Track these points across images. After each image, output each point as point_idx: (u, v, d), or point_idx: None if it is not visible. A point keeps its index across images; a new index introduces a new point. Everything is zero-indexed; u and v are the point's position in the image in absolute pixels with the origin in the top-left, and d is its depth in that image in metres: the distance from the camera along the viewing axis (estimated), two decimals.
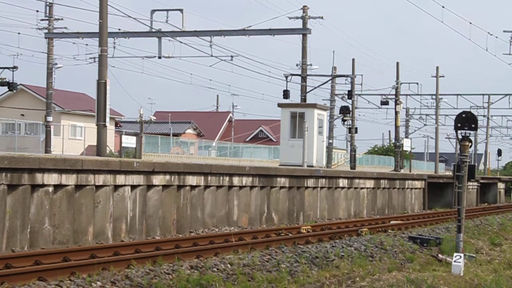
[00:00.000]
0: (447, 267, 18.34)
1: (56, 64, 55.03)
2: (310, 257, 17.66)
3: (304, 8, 48.09)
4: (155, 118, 78.24)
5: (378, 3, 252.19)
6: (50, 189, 18.80)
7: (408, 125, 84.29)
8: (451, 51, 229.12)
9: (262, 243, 20.04)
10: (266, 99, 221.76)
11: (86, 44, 49.79)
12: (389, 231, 25.82)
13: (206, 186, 24.71)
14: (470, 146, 19.52)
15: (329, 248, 19.39)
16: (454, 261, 17.97)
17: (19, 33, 79.83)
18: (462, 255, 18.18)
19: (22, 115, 69.33)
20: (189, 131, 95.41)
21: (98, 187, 20.37)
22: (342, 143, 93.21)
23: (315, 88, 51.70)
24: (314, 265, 16.85)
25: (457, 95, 74.94)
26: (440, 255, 20.40)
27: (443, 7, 45.43)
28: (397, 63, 63.72)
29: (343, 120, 55.34)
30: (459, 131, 19.24)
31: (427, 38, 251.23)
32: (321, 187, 31.83)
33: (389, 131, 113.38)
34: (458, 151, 19.69)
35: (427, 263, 19.46)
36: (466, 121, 19.24)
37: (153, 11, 43.51)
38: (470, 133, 19.34)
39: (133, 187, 21.63)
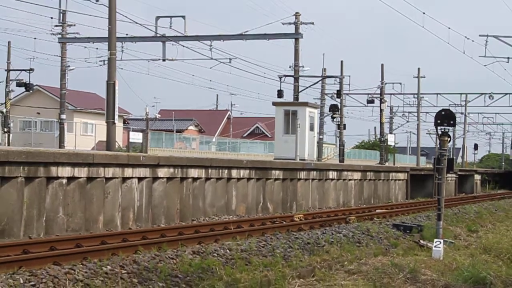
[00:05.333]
0: (428, 252, 18.34)
1: (69, 66, 54.95)
2: (303, 243, 17.67)
3: (297, 15, 48.10)
4: (159, 115, 78.23)
5: (365, 10, 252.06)
6: (64, 181, 18.80)
7: (392, 121, 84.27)
8: (431, 54, 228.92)
9: (258, 231, 20.06)
10: (261, 98, 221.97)
11: (97, 48, 49.77)
12: (375, 219, 25.83)
13: (207, 178, 24.73)
14: (449, 141, 19.51)
15: (320, 234, 19.40)
16: (434, 247, 17.97)
17: (35, 38, 79.62)
18: (441, 241, 18.19)
19: (38, 113, 69.32)
20: (191, 127, 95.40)
21: (108, 179, 20.38)
22: (332, 138, 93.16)
23: (307, 88, 51.82)
24: (306, 251, 16.86)
25: (437, 94, 75.03)
26: (421, 241, 20.41)
27: (424, 13, 45.60)
28: (382, 65, 63.87)
29: (333, 117, 55.46)
30: (439, 127, 19.23)
31: (410, 42, 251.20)
32: (312, 179, 31.85)
33: (375, 127, 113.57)
34: (438, 146, 19.68)
35: (410, 248, 19.47)
36: (445, 118, 19.24)
37: (157, 18, 43.49)
38: (449, 129, 19.34)
39: (140, 179, 21.64)
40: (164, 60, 45.49)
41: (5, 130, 51.97)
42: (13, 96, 62.13)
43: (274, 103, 41.48)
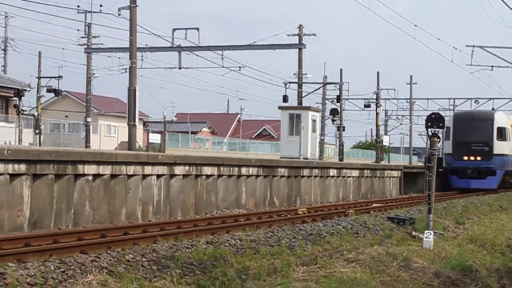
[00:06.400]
0: (419, 242, 18.35)
1: (94, 74, 55.16)
2: (306, 234, 17.68)
3: (300, 27, 48.19)
4: (176, 118, 78.44)
5: (363, 23, 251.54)
6: (90, 178, 18.86)
7: (387, 124, 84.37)
8: (422, 62, 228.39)
9: (265, 223, 20.07)
10: (268, 102, 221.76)
11: (119, 57, 50.03)
12: (371, 212, 25.79)
13: (219, 175, 24.75)
14: (438, 142, 19.53)
15: (321, 226, 19.40)
16: (425, 237, 17.98)
17: (63, 49, 79.67)
18: (431, 232, 18.20)
19: (66, 116, 69.54)
20: (205, 129, 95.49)
21: (130, 176, 20.43)
22: (332, 139, 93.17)
23: (310, 93, 51.94)
24: (309, 241, 16.87)
25: (428, 99, 75.11)
26: (413, 232, 20.40)
27: (415, 26, 45.77)
28: (378, 73, 64.05)
29: (333, 120, 55.57)
30: (429, 129, 19.25)
31: (403, 52, 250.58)
32: (315, 176, 31.85)
33: (371, 129, 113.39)
34: (429, 146, 19.69)
35: (403, 239, 19.46)
36: (435, 120, 19.25)
37: (174, 30, 43.66)
38: (438, 131, 19.35)
39: (158, 176, 21.68)
40: (180, 68, 45.65)
41: (37, 131, 52.12)
42: (44, 101, 62.30)
43: (280, 107, 41.54)
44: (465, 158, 43.46)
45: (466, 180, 43.51)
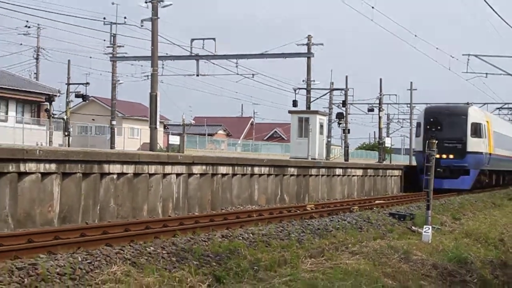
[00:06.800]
0: (419, 236, 18.31)
1: (118, 80, 55.26)
2: (314, 228, 17.68)
3: (309, 37, 48.18)
4: (194, 122, 78.44)
5: (367, 32, 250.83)
6: (115, 176, 18.93)
7: (388, 127, 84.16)
8: (422, 70, 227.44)
9: (276, 218, 20.08)
10: (279, 107, 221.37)
11: (141, 65, 50.21)
12: (374, 208, 25.77)
13: (234, 174, 24.78)
14: (436, 143, 19.48)
15: (328, 221, 19.41)
16: (424, 232, 17.95)
17: (90, 57, 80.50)
18: (430, 227, 18.16)
19: (93, 120, 69.74)
20: (220, 132, 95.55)
21: (151, 175, 20.49)
22: (338, 141, 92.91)
23: (317, 98, 52.05)
24: (316, 235, 16.87)
25: (427, 103, 74.68)
26: (413, 227, 20.37)
27: (415, 35, 45.70)
28: (380, 79, 63.94)
29: (339, 123, 55.63)
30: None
31: (404, 59, 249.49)
32: (322, 175, 31.84)
33: (374, 132, 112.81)
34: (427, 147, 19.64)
35: (403, 233, 19.42)
36: (433, 124, 19.21)
37: (192, 40, 43.67)
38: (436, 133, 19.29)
39: (178, 175, 21.73)
40: (197, 75, 45.64)
41: (66, 134, 52.36)
42: (72, 106, 62.55)
43: (289, 111, 41.55)
44: (437, 156, 37.92)
45: (437, 180, 34.39)
